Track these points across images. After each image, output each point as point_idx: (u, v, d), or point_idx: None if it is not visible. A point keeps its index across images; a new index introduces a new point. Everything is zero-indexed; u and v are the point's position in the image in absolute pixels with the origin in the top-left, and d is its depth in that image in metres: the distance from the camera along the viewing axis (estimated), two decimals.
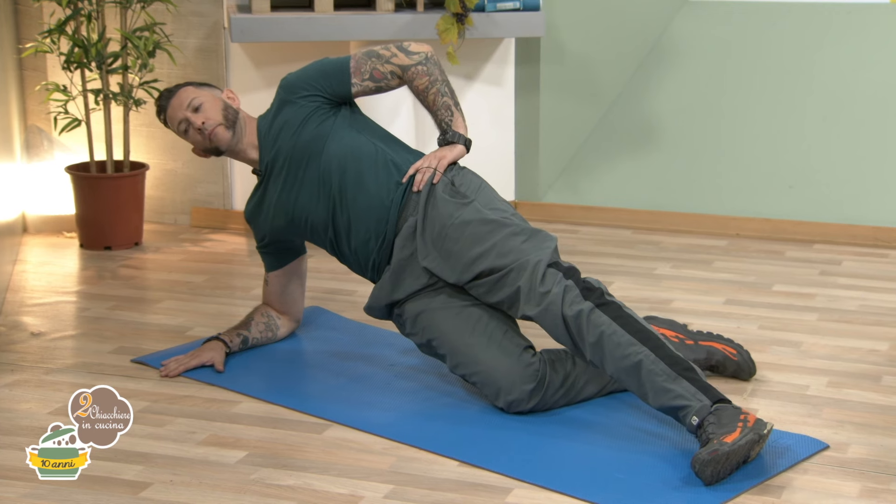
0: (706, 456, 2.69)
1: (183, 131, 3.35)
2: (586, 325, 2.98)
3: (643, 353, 2.92)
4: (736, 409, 2.82)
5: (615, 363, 2.94)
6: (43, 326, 3.79)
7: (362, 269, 3.35)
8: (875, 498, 2.69)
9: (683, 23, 5.11)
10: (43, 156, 4.85)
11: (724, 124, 4.99)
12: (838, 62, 4.89)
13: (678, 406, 2.86)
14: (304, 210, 3.33)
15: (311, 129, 3.30)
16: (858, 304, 3.98)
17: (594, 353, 2.97)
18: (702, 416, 2.82)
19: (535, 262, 3.08)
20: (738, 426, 2.76)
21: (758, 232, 4.83)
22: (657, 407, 2.91)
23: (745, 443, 2.72)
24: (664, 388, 2.88)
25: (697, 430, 2.83)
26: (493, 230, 3.15)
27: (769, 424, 2.80)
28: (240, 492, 2.71)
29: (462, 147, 3.30)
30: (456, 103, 3.32)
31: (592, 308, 2.99)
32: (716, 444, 2.71)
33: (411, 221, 3.22)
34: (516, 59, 4.98)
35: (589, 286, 3.04)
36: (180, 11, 4.75)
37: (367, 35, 4.49)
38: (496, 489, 2.73)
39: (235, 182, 4.91)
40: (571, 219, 5.06)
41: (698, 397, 2.85)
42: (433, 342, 3.21)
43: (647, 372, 2.90)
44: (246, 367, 3.43)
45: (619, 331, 2.95)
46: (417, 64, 3.30)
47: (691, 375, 2.89)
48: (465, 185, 3.25)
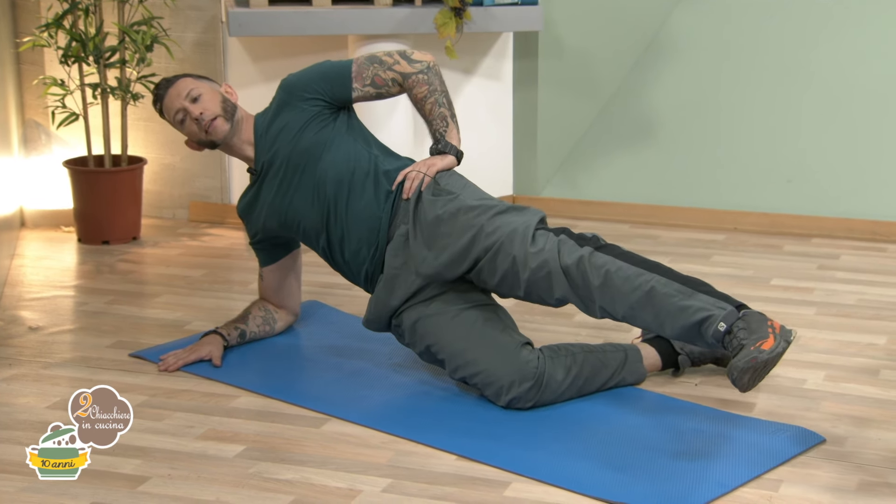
0: (745, 364, 2.68)
1: (179, 121, 3.34)
2: (589, 268, 2.96)
3: (654, 279, 2.90)
4: (761, 314, 2.83)
5: (626, 298, 2.92)
6: (41, 321, 3.79)
7: (355, 278, 3.36)
8: (872, 492, 2.69)
9: (681, 17, 5.10)
10: (40, 150, 4.84)
11: (722, 119, 4.99)
12: (836, 57, 4.88)
13: (701, 319, 2.83)
14: (298, 215, 3.34)
15: (310, 135, 3.30)
16: (856, 299, 3.98)
17: (602, 295, 2.94)
18: (730, 322, 2.80)
19: (522, 228, 3.08)
20: (769, 332, 2.75)
21: (756, 226, 4.83)
22: (678, 333, 2.88)
23: (781, 350, 2.73)
24: (682, 307, 2.86)
25: (725, 336, 2.80)
26: (480, 213, 3.16)
27: (794, 332, 2.82)
28: (238, 486, 2.71)
29: (453, 158, 3.31)
30: (452, 115, 3.33)
31: (592, 251, 2.99)
32: (754, 352, 2.70)
33: (402, 230, 3.23)
34: (514, 53, 4.98)
35: (583, 236, 3.04)
36: (178, 6, 4.75)
37: (365, 29, 4.49)
38: (494, 483, 2.73)
39: (233, 176, 4.91)
40: (569, 213, 5.06)
41: (720, 305, 2.84)
42: (432, 348, 3.21)
43: (661, 296, 2.87)
44: (244, 362, 3.43)
45: (624, 265, 2.94)
46: (419, 73, 3.30)
47: (707, 289, 2.88)
48: (451, 184, 3.26)
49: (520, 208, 3.19)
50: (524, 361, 3.10)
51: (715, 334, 2.81)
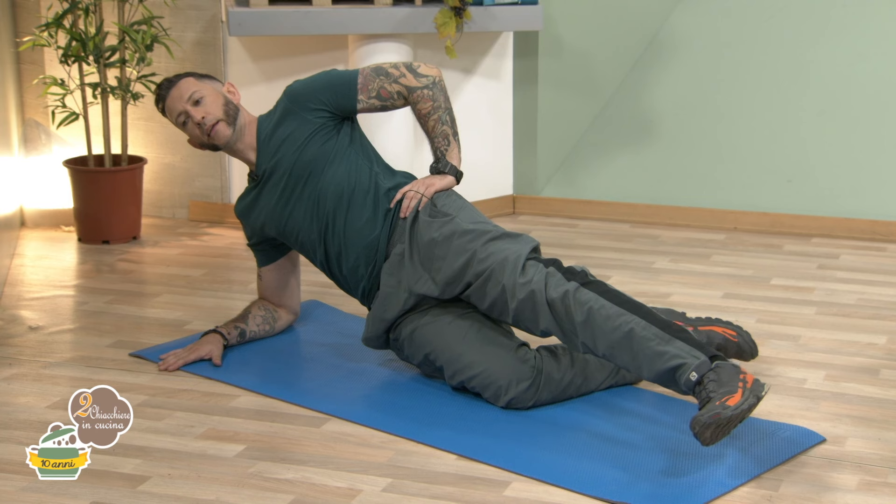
0: (707, 419, 2.66)
1: (181, 123, 3.35)
2: (573, 303, 2.97)
3: (633, 320, 2.90)
4: (735, 366, 2.79)
5: (607, 337, 2.92)
6: (41, 320, 3.79)
7: (353, 292, 3.38)
8: (872, 491, 2.69)
9: (682, 17, 5.10)
10: (41, 150, 4.84)
11: (722, 118, 4.99)
12: (835, 56, 4.88)
13: (675, 366, 2.82)
14: (296, 227, 3.35)
15: (314, 148, 3.30)
16: (856, 298, 3.98)
17: (584, 332, 2.95)
18: (701, 372, 2.78)
19: (514, 257, 3.09)
20: (739, 386, 2.73)
21: (756, 226, 4.83)
22: (653, 376, 2.87)
23: (747, 407, 2.70)
24: (658, 352, 2.85)
25: (696, 386, 2.78)
26: (473, 238, 3.16)
27: (766, 386, 2.77)
28: (238, 485, 2.71)
29: (452, 178, 3.32)
30: (455, 133, 3.33)
31: (578, 287, 2.99)
32: (718, 407, 2.67)
33: (399, 249, 3.24)
34: (514, 52, 4.98)
35: (571, 270, 3.05)
36: (178, 5, 4.75)
37: (365, 29, 4.49)
38: (494, 482, 2.73)
39: (233, 176, 4.91)
40: (569, 213, 5.06)
41: (694, 354, 2.82)
42: (430, 356, 3.21)
43: (639, 339, 2.87)
44: (244, 362, 3.43)
45: (607, 304, 2.94)
46: (424, 87, 3.30)
47: (685, 336, 2.87)
48: (448, 205, 3.27)
49: (514, 235, 3.20)
50: (521, 361, 3.10)
51: (686, 383, 2.81)
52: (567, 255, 4.46)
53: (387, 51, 4.51)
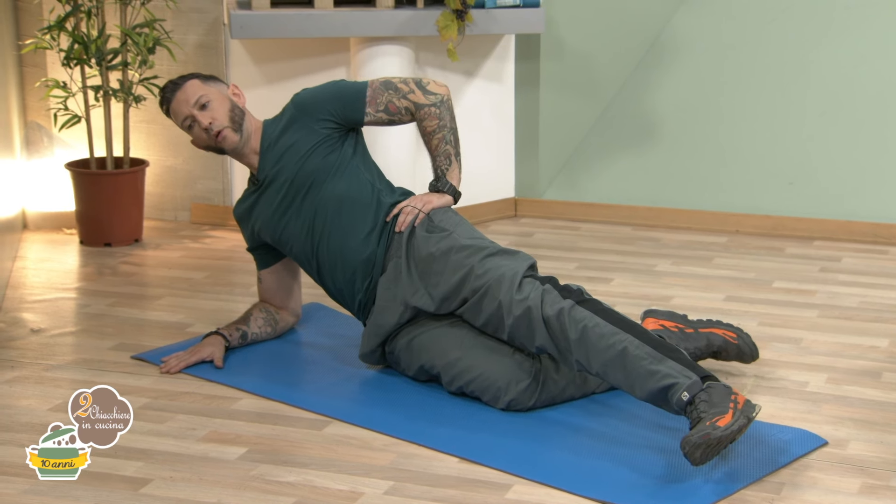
0: (697, 439, 2.66)
1: (187, 126, 3.35)
2: (568, 321, 2.97)
3: (627, 339, 2.91)
4: (726, 387, 2.80)
5: (600, 355, 2.93)
6: (43, 323, 3.79)
7: (348, 305, 3.39)
8: (874, 494, 2.69)
9: (684, 19, 5.10)
10: (43, 152, 4.84)
11: (723, 121, 4.99)
12: (837, 58, 4.89)
13: (667, 386, 2.83)
14: (291, 238, 3.36)
15: (317, 160, 3.31)
16: (858, 301, 3.98)
17: (578, 350, 2.96)
18: (693, 393, 2.79)
19: (511, 274, 3.10)
20: (730, 407, 2.73)
21: (758, 228, 4.83)
22: (646, 396, 2.88)
23: (737, 428, 2.70)
24: (651, 371, 2.86)
25: (687, 406, 2.79)
26: (471, 254, 3.17)
27: (757, 407, 2.77)
28: (240, 488, 2.71)
29: (450, 197, 3.35)
30: (457, 153, 3.35)
31: (573, 305, 3.00)
32: (708, 428, 2.68)
33: (395, 263, 3.24)
34: (516, 55, 4.98)
35: (567, 287, 3.06)
36: (180, 8, 4.75)
37: (367, 32, 4.49)
38: (496, 485, 2.73)
39: (235, 179, 4.91)
40: (571, 216, 5.06)
41: (686, 374, 2.83)
42: (425, 365, 3.22)
43: (632, 358, 2.88)
44: (246, 364, 3.43)
45: (602, 322, 2.95)
46: (431, 105, 3.31)
47: (677, 356, 2.87)
48: (445, 221, 3.28)
49: (511, 252, 3.21)
50: (519, 360, 3.11)
51: (678, 402, 2.81)
52: (569, 258, 4.46)
53: (389, 54, 4.52)
